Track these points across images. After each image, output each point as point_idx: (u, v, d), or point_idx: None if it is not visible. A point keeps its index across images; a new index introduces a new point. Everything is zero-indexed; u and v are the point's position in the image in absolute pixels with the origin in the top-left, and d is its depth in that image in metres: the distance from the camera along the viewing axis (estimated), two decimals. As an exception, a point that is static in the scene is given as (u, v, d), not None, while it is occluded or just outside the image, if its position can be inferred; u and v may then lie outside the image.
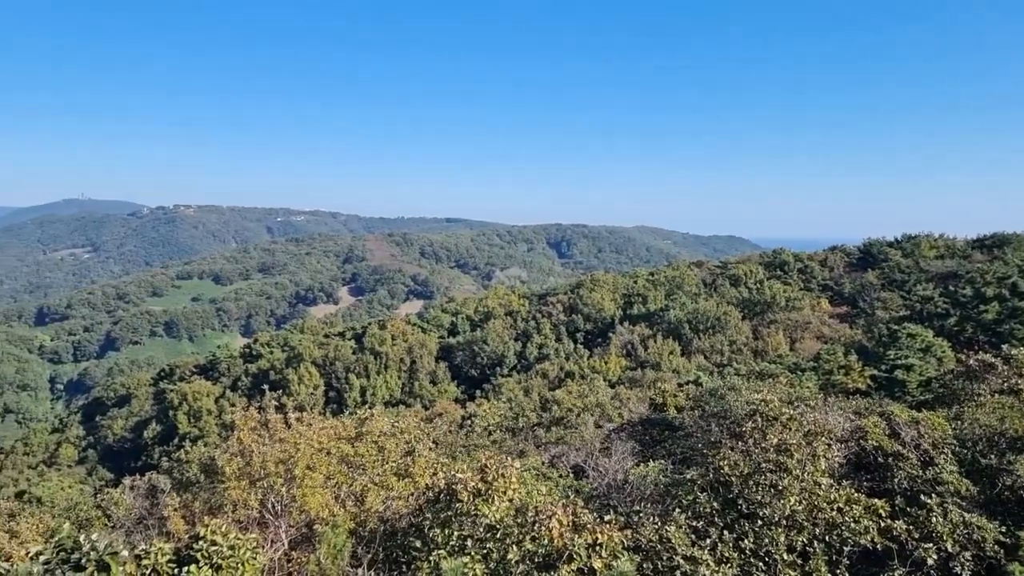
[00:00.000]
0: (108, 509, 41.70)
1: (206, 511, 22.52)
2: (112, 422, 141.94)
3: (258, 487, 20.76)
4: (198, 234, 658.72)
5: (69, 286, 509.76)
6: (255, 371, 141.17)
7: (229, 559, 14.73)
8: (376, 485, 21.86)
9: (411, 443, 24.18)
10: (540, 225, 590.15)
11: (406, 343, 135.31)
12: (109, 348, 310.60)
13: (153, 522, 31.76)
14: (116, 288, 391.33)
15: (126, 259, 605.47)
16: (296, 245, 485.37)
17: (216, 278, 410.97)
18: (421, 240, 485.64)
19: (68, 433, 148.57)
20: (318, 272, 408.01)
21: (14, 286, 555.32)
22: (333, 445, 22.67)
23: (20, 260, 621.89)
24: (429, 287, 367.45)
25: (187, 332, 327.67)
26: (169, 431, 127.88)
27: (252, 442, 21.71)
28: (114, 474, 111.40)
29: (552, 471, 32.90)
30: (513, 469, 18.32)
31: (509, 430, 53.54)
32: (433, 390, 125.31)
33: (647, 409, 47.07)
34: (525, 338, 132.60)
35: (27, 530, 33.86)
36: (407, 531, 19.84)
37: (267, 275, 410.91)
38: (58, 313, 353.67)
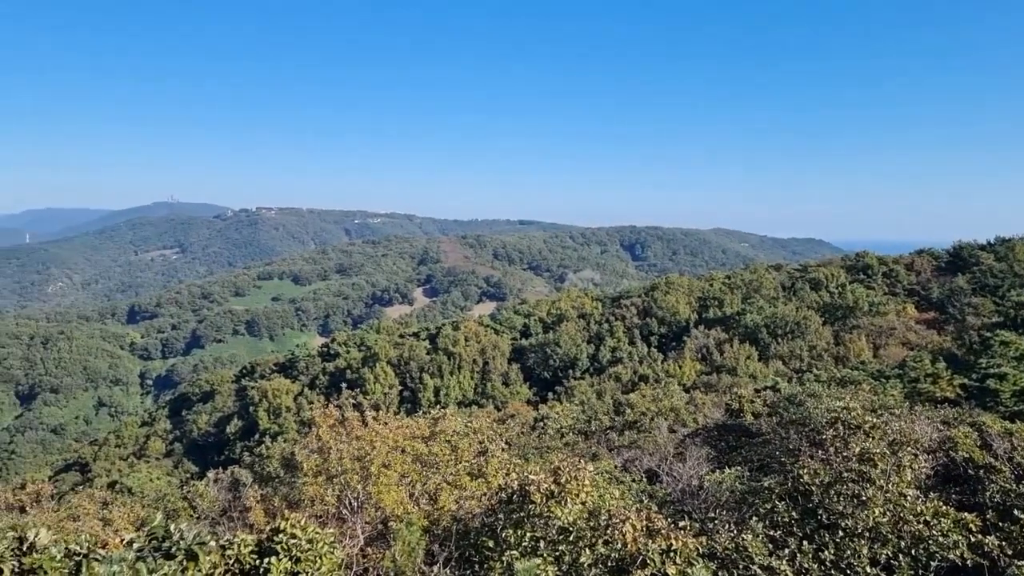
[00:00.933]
0: (194, 501, 43.25)
1: (286, 505, 23.13)
2: (197, 417, 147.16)
3: (335, 483, 21.22)
4: (279, 236, 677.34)
5: (158, 285, 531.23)
6: (332, 370, 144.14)
7: (308, 552, 15.04)
8: (449, 484, 22.08)
9: (484, 443, 24.32)
10: (614, 227, 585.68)
11: (479, 344, 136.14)
12: (195, 345, 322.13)
13: (235, 514, 32.78)
14: (201, 288, 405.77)
15: (211, 260, 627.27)
16: (372, 247, 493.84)
17: (295, 278, 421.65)
18: (494, 242, 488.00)
19: (156, 427, 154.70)
20: (393, 273, 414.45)
21: (108, 285, 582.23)
22: (408, 444, 22.99)
23: (114, 260, 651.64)
24: (502, 289, 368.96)
25: (268, 331, 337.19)
26: (250, 427, 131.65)
27: (330, 439, 22.20)
28: (199, 467, 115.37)
29: (625, 475, 32.59)
30: (586, 472, 18.22)
31: (581, 433, 53.30)
32: (505, 391, 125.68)
33: (723, 415, 46.18)
34: (598, 341, 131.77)
35: (119, 518, 35.45)
36: (480, 531, 19.94)
37: (344, 276, 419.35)
38: (148, 311, 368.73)
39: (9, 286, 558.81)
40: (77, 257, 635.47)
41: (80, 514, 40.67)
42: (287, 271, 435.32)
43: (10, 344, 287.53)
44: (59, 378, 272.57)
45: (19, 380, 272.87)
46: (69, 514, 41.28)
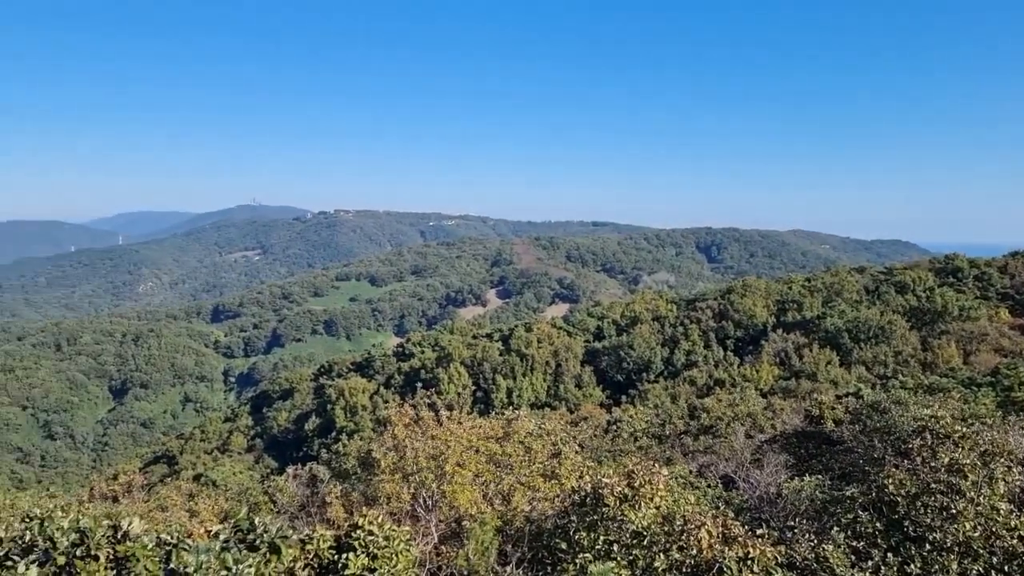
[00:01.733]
0: (274, 495, 44.46)
1: (363, 502, 23.57)
2: (277, 414, 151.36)
3: (411, 481, 21.52)
4: (356, 237, 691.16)
5: (241, 286, 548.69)
6: (407, 369, 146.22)
7: (384, 549, 15.29)
8: (523, 485, 22.13)
9: (557, 445, 24.29)
10: (689, 229, 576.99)
11: (552, 346, 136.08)
12: (275, 344, 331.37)
13: (314, 510, 33.59)
14: (282, 288, 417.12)
15: (291, 261, 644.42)
16: (447, 248, 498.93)
17: (372, 279, 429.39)
18: (568, 244, 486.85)
19: (238, 423, 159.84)
20: (467, 275, 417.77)
21: (194, 285, 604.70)
22: (482, 444, 23.15)
23: (200, 261, 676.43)
24: (575, 291, 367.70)
25: (345, 331, 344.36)
26: (327, 424, 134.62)
27: (406, 438, 22.53)
28: (278, 462, 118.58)
29: (700, 480, 32.11)
30: (660, 476, 18.03)
31: (655, 437, 52.72)
32: (578, 393, 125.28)
33: (802, 421, 44.96)
34: (672, 344, 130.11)
35: (205, 510, 36.75)
36: (553, 532, 19.93)
37: (419, 277, 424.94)
38: (231, 311, 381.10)
39: (104, 285, 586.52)
40: (166, 258, 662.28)
41: (168, 505, 42.36)
42: (364, 272, 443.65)
43: (104, 341, 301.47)
44: (148, 374, 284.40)
45: (112, 375, 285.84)
46: (158, 504, 43.04)
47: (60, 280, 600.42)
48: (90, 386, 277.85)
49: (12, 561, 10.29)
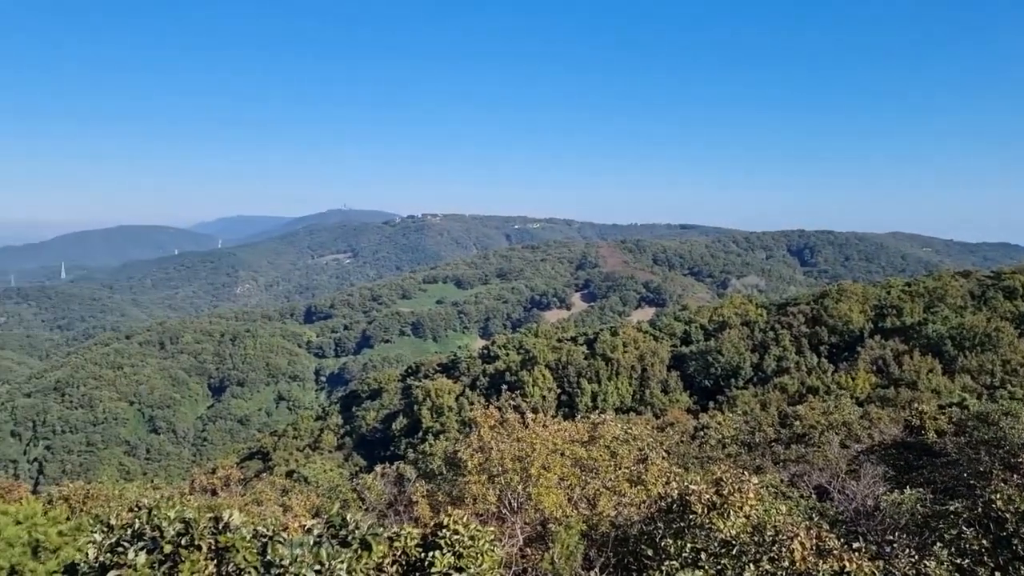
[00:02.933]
0: (362, 493, 45.51)
1: (449, 501, 23.85)
2: (366, 413, 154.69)
3: (496, 483, 21.66)
4: (443, 241, 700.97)
5: (332, 288, 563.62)
6: (492, 372, 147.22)
7: (470, 549, 15.43)
8: (608, 490, 21.98)
9: (644, 450, 24.03)
10: (780, 231, 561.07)
11: (637, 350, 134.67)
12: (364, 345, 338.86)
13: (401, 508, 34.23)
14: (371, 290, 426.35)
15: (380, 264, 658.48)
16: (532, 251, 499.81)
17: (458, 282, 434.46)
18: (654, 247, 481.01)
19: (329, 421, 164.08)
20: (552, 278, 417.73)
21: (287, 287, 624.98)
22: (567, 447, 23.10)
23: (293, 264, 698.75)
24: (661, 294, 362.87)
25: (431, 332, 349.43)
26: (414, 424, 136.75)
27: (491, 439, 22.68)
28: (366, 461, 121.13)
29: (792, 490, 31.16)
30: (751, 484, 17.61)
31: (745, 444, 51.51)
32: (664, 399, 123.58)
33: (901, 431, 43.11)
34: (763, 349, 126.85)
35: (297, 505, 37.91)
36: (639, 538, 19.71)
37: (504, 280, 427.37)
38: (323, 312, 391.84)
39: (204, 287, 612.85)
40: (261, 261, 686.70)
41: (263, 499, 43.93)
42: (450, 275, 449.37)
43: (204, 340, 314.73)
44: (245, 372, 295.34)
45: (211, 373, 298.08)
46: (254, 499, 44.67)
47: (164, 282, 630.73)
48: (191, 383, 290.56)
49: (123, 547, 10.88)
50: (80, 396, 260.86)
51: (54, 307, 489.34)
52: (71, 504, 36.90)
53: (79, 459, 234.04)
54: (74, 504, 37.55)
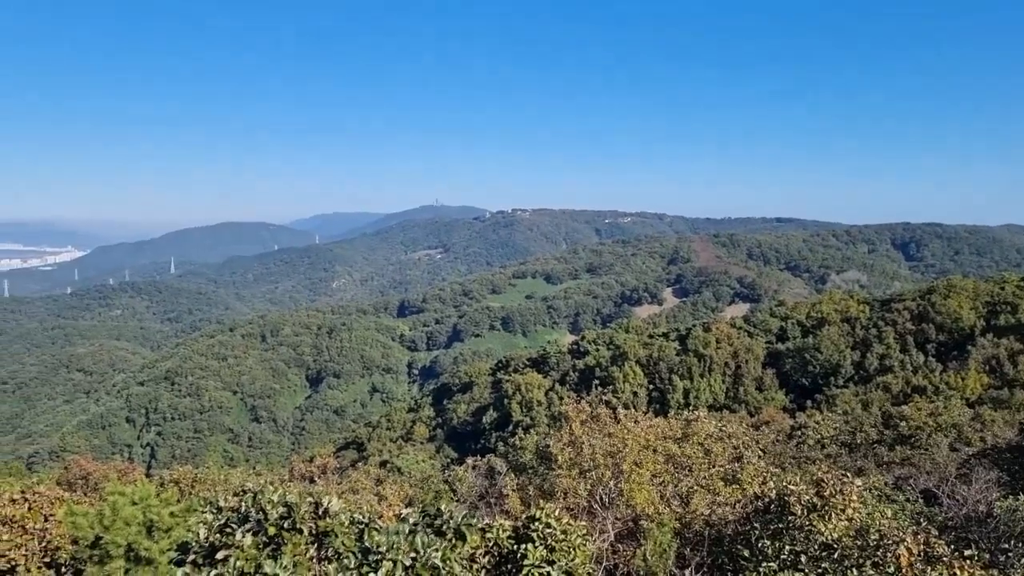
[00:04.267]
0: (454, 484, 46.13)
1: (540, 495, 23.89)
2: (456, 406, 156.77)
3: (587, 478, 21.58)
4: (532, 236, 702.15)
5: (424, 283, 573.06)
6: (582, 367, 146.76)
7: (562, 543, 15.43)
8: (702, 488, 21.60)
9: (739, 449, 23.50)
10: (884, 224, 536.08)
11: (731, 347, 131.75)
12: (455, 339, 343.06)
13: (492, 500, 34.52)
14: (462, 285, 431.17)
15: (471, 259, 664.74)
16: (622, 246, 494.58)
17: (548, 277, 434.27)
18: (748, 241, 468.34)
19: (421, 413, 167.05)
20: (643, 273, 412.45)
21: (382, 282, 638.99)
22: (659, 444, 22.80)
23: (387, 259, 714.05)
24: (756, 290, 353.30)
25: (521, 327, 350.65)
26: (504, 418, 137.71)
27: (582, 434, 22.60)
28: (457, 453, 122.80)
29: (897, 494, 29.88)
30: (853, 486, 16.99)
31: (845, 445, 49.73)
32: (759, 397, 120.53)
33: (1017, 435, 40.73)
34: (864, 347, 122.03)
35: (391, 495, 38.78)
36: (734, 538, 19.30)
37: (594, 275, 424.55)
38: (415, 307, 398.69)
39: (302, 281, 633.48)
40: (357, 256, 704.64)
41: (358, 488, 45.07)
42: (540, 270, 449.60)
43: (303, 333, 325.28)
44: (340, 364, 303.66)
45: (309, 365, 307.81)
46: (350, 487, 45.89)
47: (265, 276, 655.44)
48: (290, 374, 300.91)
49: (231, 529, 11.37)
50: (188, 385, 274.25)
51: (164, 300, 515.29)
52: (181, 487, 38.82)
53: (187, 445, 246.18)
54: (183, 487, 39.50)
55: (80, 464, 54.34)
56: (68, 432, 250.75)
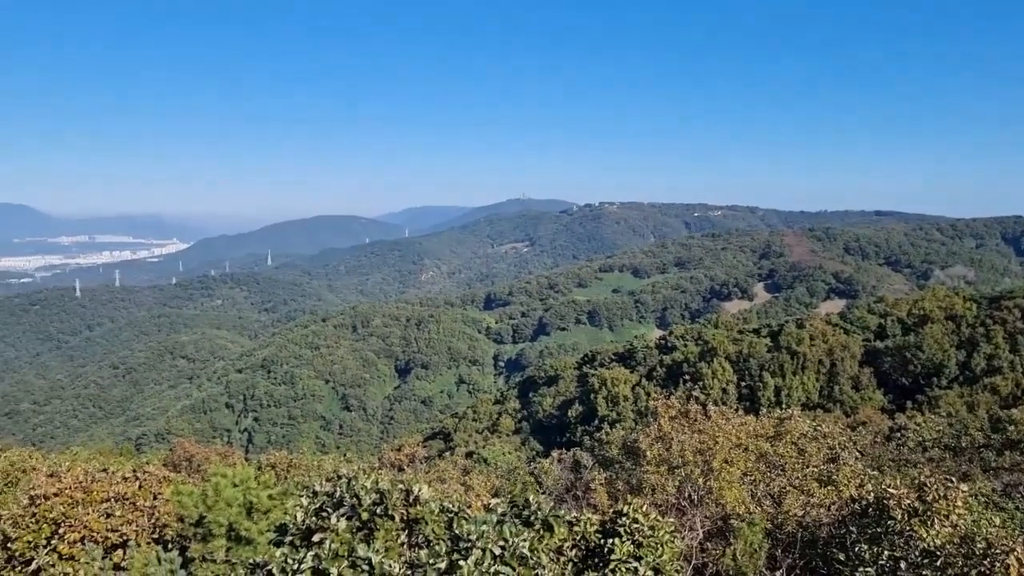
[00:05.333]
0: (539, 477, 46.35)
1: (627, 490, 23.76)
2: (542, 399, 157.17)
3: (676, 474, 21.32)
4: (620, 229, 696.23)
5: (511, 276, 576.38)
6: (669, 362, 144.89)
7: (649, 538, 15.29)
8: (795, 488, 21.05)
9: (834, 449, 22.78)
10: (994, 217, 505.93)
11: (826, 344, 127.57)
12: (541, 332, 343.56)
13: (579, 493, 34.50)
14: (548, 279, 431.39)
15: (557, 252, 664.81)
16: (712, 240, 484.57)
17: (635, 271, 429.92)
18: (845, 235, 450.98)
19: (507, 405, 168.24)
20: (733, 267, 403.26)
21: (469, 275, 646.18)
22: (751, 442, 22.33)
23: (474, 253, 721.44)
24: (853, 285, 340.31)
25: (607, 321, 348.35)
26: (589, 412, 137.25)
27: (672, 430, 22.34)
28: (542, 446, 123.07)
29: (1005, 501, 28.36)
30: (958, 491, 16.23)
31: (949, 448, 47.45)
32: (855, 396, 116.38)
33: None
34: (970, 346, 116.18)
35: (478, 485, 39.29)
36: (828, 541, 18.75)
37: (683, 269, 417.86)
38: (502, 299, 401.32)
39: (392, 274, 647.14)
40: (444, 249, 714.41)
41: (446, 477, 45.84)
42: (627, 264, 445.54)
43: (392, 324, 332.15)
44: (428, 356, 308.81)
45: (398, 356, 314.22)
46: (437, 476, 46.72)
47: (356, 268, 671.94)
48: (379, 365, 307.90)
49: (326, 512, 11.76)
50: (283, 373, 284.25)
51: (261, 291, 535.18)
52: (277, 471, 40.32)
53: (281, 431, 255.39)
54: (279, 471, 41.01)
55: (184, 446, 57.12)
56: (173, 416, 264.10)
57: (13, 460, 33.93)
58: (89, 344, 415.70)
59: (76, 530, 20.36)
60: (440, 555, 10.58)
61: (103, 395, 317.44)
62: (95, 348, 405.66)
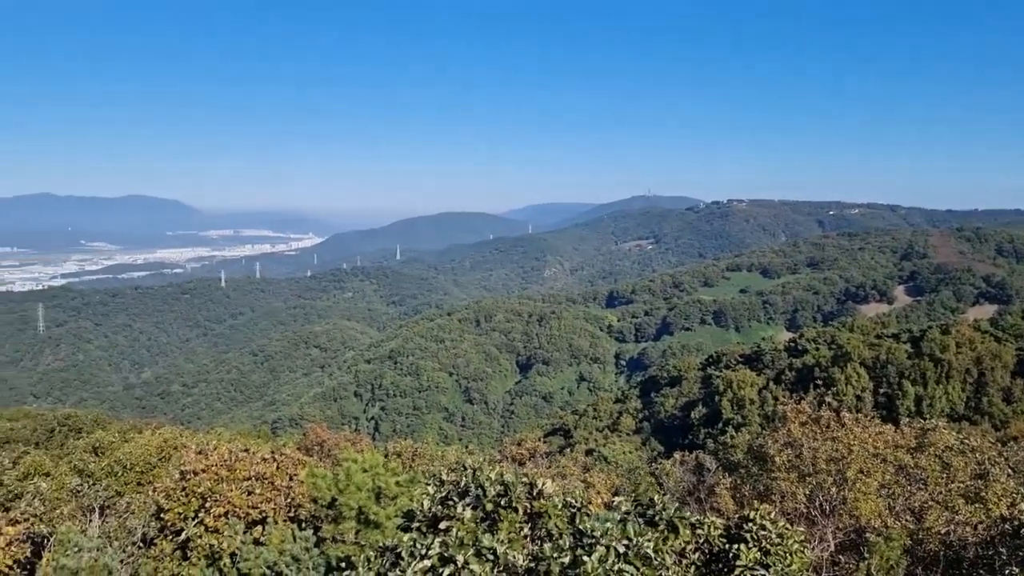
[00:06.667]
0: (660, 478, 45.71)
1: (754, 496, 23.06)
2: (664, 400, 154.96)
3: (807, 482, 20.50)
4: (748, 227, 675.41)
5: (634, 274, 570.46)
6: (799, 366, 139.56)
7: (777, 547, 14.82)
8: (939, 504, 19.81)
9: (983, 465, 21.29)
10: None
11: (973, 352, 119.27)
12: (664, 332, 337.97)
13: (700, 496, 33.79)
14: (672, 277, 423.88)
15: (682, 250, 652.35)
16: (848, 240, 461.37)
17: (764, 271, 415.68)
18: (999, 235, 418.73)
19: (628, 405, 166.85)
20: (871, 268, 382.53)
21: (591, 272, 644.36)
22: (889, 452, 21.18)
23: (597, 250, 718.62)
24: (1006, 290, 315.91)
25: (734, 322, 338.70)
26: (713, 415, 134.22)
27: (803, 436, 21.49)
28: (664, 447, 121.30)
29: None
30: None
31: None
32: (1006, 409, 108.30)
33: None
34: None
35: (598, 482, 39.15)
36: (975, 562, 17.56)
37: (815, 270, 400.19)
38: (624, 297, 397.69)
39: (515, 270, 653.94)
40: (567, 246, 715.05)
41: (566, 473, 45.94)
42: (755, 263, 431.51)
43: (514, 320, 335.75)
44: (549, 352, 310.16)
45: (519, 351, 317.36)
46: (557, 472, 46.89)
47: (480, 264, 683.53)
48: (501, 359, 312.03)
49: (452, 501, 12.04)
50: (408, 365, 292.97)
51: (389, 285, 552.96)
52: (403, 459, 41.60)
53: (406, 420, 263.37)
54: (405, 460, 42.29)
55: (316, 432, 59.82)
56: (305, 402, 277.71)
57: (166, 437, 36.63)
58: (232, 331, 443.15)
59: (221, 505, 21.75)
60: (564, 549, 10.61)
61: (243, 380, 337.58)
62: (237, 335, 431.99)
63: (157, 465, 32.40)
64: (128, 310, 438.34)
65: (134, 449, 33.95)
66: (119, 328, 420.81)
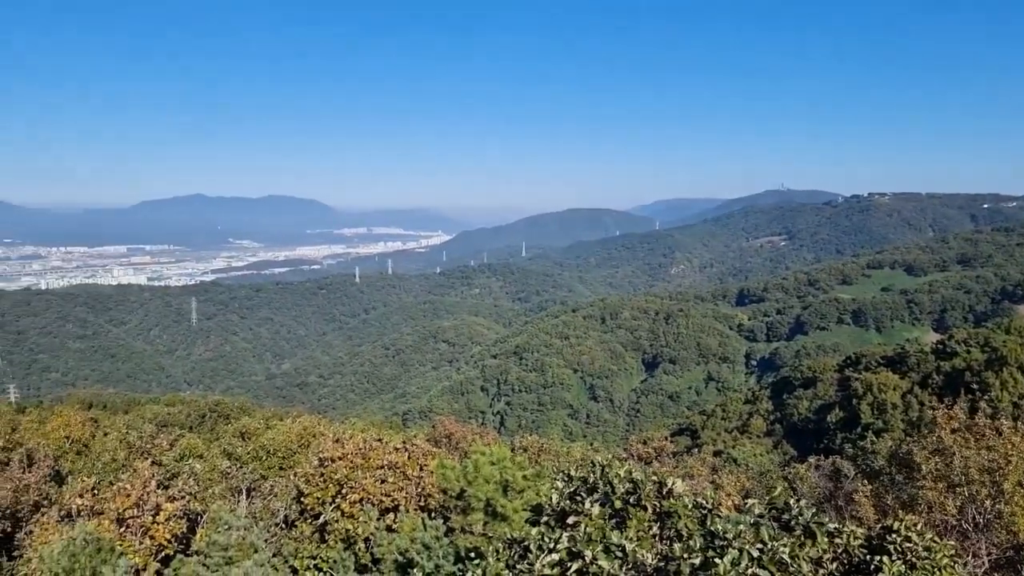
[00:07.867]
0: (794, 482, 44.05)
1: (897, 505, 21.83)
2: (798, 402, 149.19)
3: (958, 493, 19.19)
4: (891, 223, 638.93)
5: (766, 271, 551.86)
6: (948, 369, 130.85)
7: (924, 560, 14.02)
8: (1111, 523, 18.07)
9: None
10: None
11: None
12: (797, 331, 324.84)
13: (838, 503, 32.29)
14: (807, 275, 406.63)
15: (818, 247, 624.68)
16: (1005, 235, 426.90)
17: (908, 268, 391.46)
18: None
19: (758, 406, 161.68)
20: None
21: (721, 269, 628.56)
22: (1053, 464, 19.51)
23: (726, 246, 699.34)
24: None
25: (874, 322, 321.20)
26: (851, 418, 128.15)
27: (954, 443, 20.13)
28: (797, 451, 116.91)
29: None
30: None
31: None
32: None
33: None
34: None
35: (728, 484, 38.20)
36: None
37: (967, 267, 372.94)
38: (755, 295, 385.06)
39: (641, 267, 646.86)
40: (695, 243, 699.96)
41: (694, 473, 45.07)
42: (899, 260, 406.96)
43: (640, 317, 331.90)
44: (676, 351, 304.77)
45: (645, 349, 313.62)
46: (685, 472, 46.06)
47: (606, 261, 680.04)
48: (627, 357, 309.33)
49: (580, 497, 12.04)
50: (534, 361, 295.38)
51: (515, 281, 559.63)
52: (529, 454, 42.00)
53: (531, 416, 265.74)
54: (531, 455, 42.70)
55: (445, 424, 61.33)
56: (434, 395, 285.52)
57: (305, 425, 38.62)
58: (365, 325, 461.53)
59: (356, 491, 22.69)
60: (695, 550, 10.41)
61: (376, 372, 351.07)
62: (370, 329, 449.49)
63: (297, 451, 34.23)
64: (270, 304, 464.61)
65: (276, 435, 36.06)
66: (262, 321, 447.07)
